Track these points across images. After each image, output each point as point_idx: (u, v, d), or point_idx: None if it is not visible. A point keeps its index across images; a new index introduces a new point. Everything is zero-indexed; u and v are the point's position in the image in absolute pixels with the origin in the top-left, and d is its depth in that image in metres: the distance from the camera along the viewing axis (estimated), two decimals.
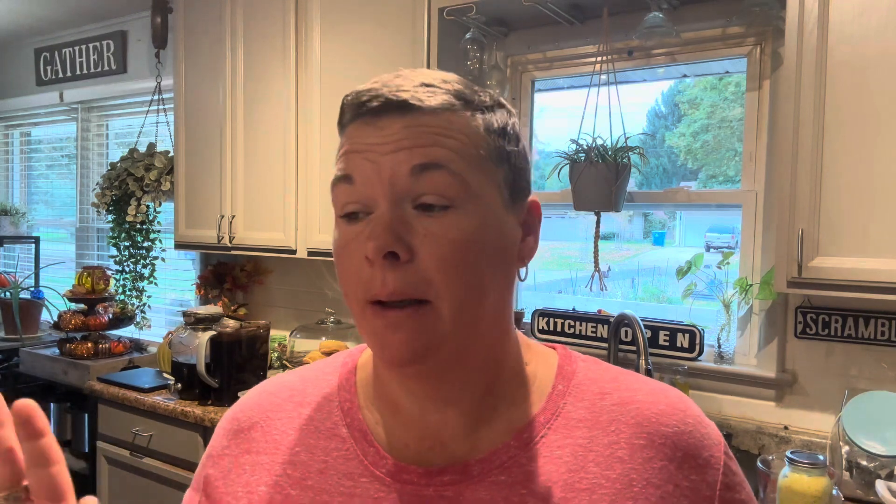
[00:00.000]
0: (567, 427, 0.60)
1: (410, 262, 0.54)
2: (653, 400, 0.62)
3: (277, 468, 0.63)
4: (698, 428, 0.61)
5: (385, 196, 0.55)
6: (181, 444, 2.41)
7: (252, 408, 0.69)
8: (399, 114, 0.55)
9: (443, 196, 0.54)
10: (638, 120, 2.25)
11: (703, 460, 0.59)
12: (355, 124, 0.57)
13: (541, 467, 0.58)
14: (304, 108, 2.50)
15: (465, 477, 0.58)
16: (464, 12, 2.13)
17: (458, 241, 0.54)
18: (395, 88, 0.56)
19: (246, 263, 3.08)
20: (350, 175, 0.56)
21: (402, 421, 0.62)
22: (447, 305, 0.55)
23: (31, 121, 4.26)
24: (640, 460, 0.58)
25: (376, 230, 0.54)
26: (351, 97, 0.58)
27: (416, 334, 0.55)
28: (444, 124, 0.55)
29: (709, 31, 2.02)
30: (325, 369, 0.70)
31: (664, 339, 2.07)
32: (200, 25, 2.82)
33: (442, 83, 0.57)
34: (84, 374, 2.87)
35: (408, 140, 0.54)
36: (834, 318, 1.84)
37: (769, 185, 1.96)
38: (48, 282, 3.80)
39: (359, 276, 0.56)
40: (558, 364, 0.65)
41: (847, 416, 1.70)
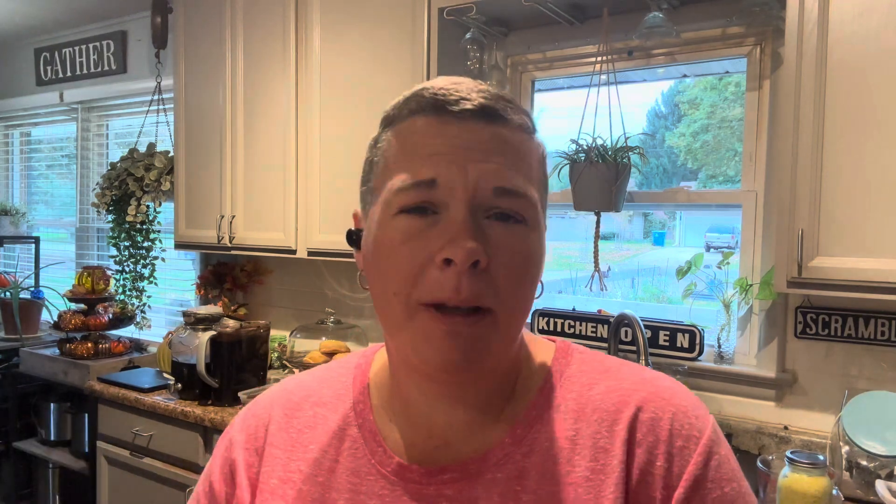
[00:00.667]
0: (556, 420, 0.61)
1: (485, 270, 0.55)
2: (638, 388, 0.61)
3: (291, 464, 0.65)
4: (678, 416, 0.59)
5: (465, 201, 0.55)
6: (181, 444, 2.41)
7: (270, 405, 0.71)
8: (488, 121, 0.56)
9: (519, 212, 0.57)
10: (638, 120, 2.25)
11: (675, 449, 0.57)
12: (429, 120, 0.57)
13: (533, 462, 0.59)
14: (304, 108, 2.50)
15: (463, 475, 0.59)
16: (464, 12, 2.13)
17: (526, 254, 0.57)
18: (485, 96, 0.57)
19: (246, 263, 3.08)
20: (435, 179, 0.55)
21: (412, 420, 0.63)
22: (505, 316, 0.56)
23: (31, 121, 4.26)
24: (619, 446, 0.58)
25: (461, 236, 0.54)
26: (433, 93, 0.57)
27: (474, 343, 0.55)
28: (522, 145, 0.58)
29: (709, 31, 2.02)
30: (339, 371, 0.71)
31: (664, 339, 2.07)
32: (200, 25, 2.82)
33: (513, 100, 0.59)
34: (84, 374, 2.87)
35: (495, 152, 0.56)
36: (834, 318, 1.84)
37: (769, 185, 1.96)
38: (48, 282, 3.80)
39: (418, 276, 0.55)
40: (553, 357, 0.66)
41: (847, 416, 1.70)
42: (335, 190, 2.43)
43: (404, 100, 0.59)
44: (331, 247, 2.44)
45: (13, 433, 3.27)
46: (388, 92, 2.28)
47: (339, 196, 2.42)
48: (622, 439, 0.58)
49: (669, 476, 0.57)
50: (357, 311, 2.83)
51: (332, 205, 2.44)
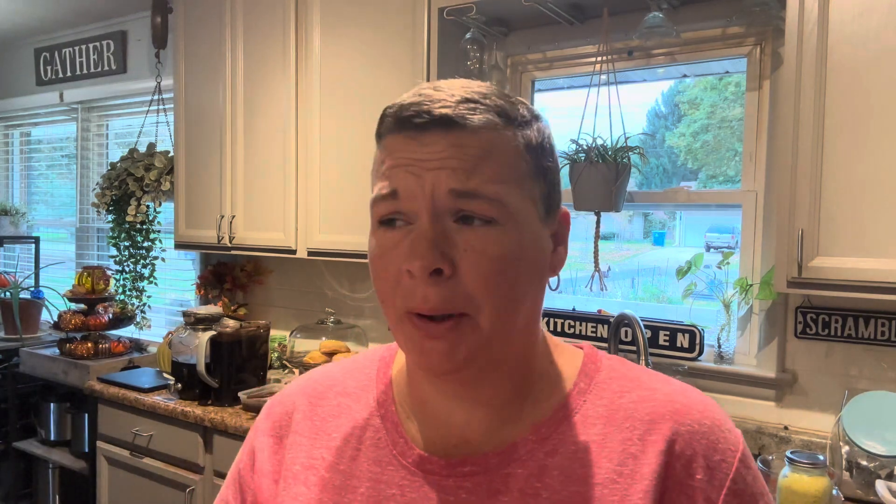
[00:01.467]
0: (584, 424, 0.61)
1: (452, 276, 0.55)
2: (671, 399, 0.62)
3: (315, 452, 0.67)
4: (714, 431, 0.60)
5: (427, 209, 0.56)
6: (181, 444, 2.41)
7: (296, 393, 0.73)
8: (443, 130, 0.56)
9: (482, 216, 0.56)
10: (638, 120, 2.25)
11: (713, 462, 0.59)
12: (397, 137, 0.58)
13: (556, 462, 0.59)
14: (304, 108, 2.50)
15: (484, 469, 0.60)
16: (464, 12, 2.13)
17: (499, 256, 0.56)
18: (439, 104, 0.56)
19: (246, 263, 3.08)
20: (396, 190, 0.57)
21: (430, 418, 0.64)
22: (486, 318, 0.56)
23: (31, 121, 4.26)
24: (651, 455, 0.59)
25: (420, 247, 0.55)
26: (394, 110, 0.58)
27: (455, 346, 0.56)
28: (485, 145, 0.56)
29: (709, 31, 2.02)
30: (365, 362, 0.73)
31: (664, 339, 2.07)
32: (200, 25, 2.82)
33: (483, 98, 0.58)
34: (84, 374, 2.87)
35: (451, 159, 0.56)
36: (834, 318, 1.84)
37: (769, 185, 1.96)
38: (48, 282, 3.80)
39: (397, 286, 0.57)
40: (582, 362, 0.66)
41: (847, 416, 1.70)
42: (335, 190, 2.43)
43: (381, 116, 0.60)
44: (331, 247, 2.44)
45: (13, 433, 3.27)
46: (388, 92, 2.28)
47: (339, 196, 2.42)
48: (658, 450, 0.59)
49: (710, 488, 0.58)
50: (357, 311, 2.83)
51: (332, 205, 2.44)
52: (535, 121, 0.61)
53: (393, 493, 0.62)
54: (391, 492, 0.62)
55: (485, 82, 0.61)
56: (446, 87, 0.58)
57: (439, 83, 0.60)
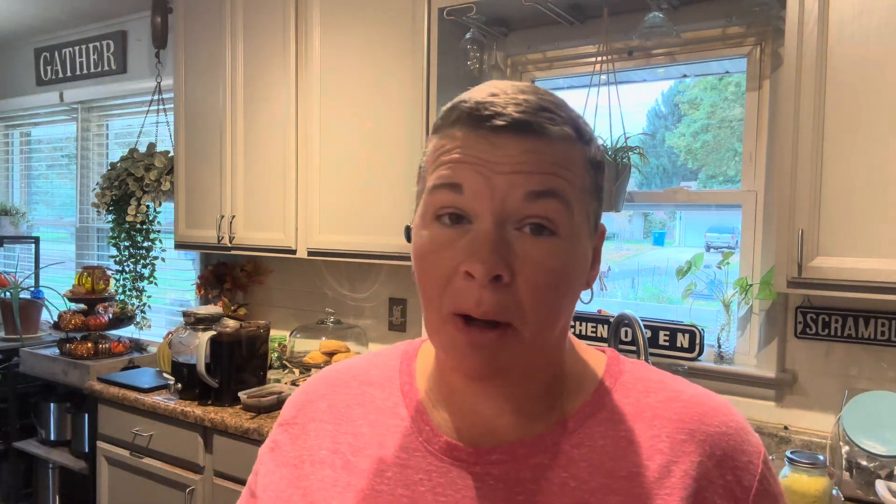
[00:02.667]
0: (611, 420, 0.62)
1: (509, 285, 0.55)
2: (697, 401, 0.63)
3: (340, 437, 0.68)
4: (740, 433, 0.62)
5: (492, 213, 0.55)
6: (181, 444, 2.41)
7: (320, 383, 0.74)
8: (519, 136, 0.55)
9: (553, 222, 0.56)
10: (638, 120, 2.25)
11: (741, 463, 0.61)
12: (466, 132, 0.57)
13: (583, 454, 0.61)
14: (304, 108, 2.50)
15: (511, 458, 0.61)
16: (464, 12, 2.13)
17: (555, 269, 0.56)
18: (518, 108, 0.56)
19: (246, 263, 3.08)
20: (460, 185, 0.56)
21: (457, 408, 0.65)
22: (529, 330, 0.57)
23: (31, 121, 4.26)
24: (679, 453, 0.60)
25: (483, 250, 0.54)
26: (469, 105, 0.57)
27: (496, 354, 0.57)
28: (560, 155, 0.56)
29: (709, 31, 2.02)
30: (387, 354, 0.74)
31: (664, 339, 2.07)
32: (200, 25, 2.82)
33: (557, 109, 0.58)
34: (84, 374, 2.87)
35: (526, 164, 0.55)
36: (834, 318, 1.84)
37: (769, 185, 1.96)
38: (48, 282, 3.80)
39: (446, 286, 0.57)
40: (607, 363, 0.67)
41: (847, 416, 1.70)
42: (335, 190, 2.43)
43: (448, 109, 0.59)
44: (331, 247, 2.44)
45: (13, 433, 3.27)
46: (388, 92, 2.28)
47: (339, 196, 2.42)
48: (689, 450, 0.60)
49: (739, 489, 0.60)
50: (357, 311, 2.83)
51: (332, 205, 2.44)
52: (595, 139, 0.62)
53: (420, 479, 0.62)
54: (418, 477, 0.62)
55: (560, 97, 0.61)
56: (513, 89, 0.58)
57: (500, 83, 0.59)
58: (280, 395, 2.34)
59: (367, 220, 2.35)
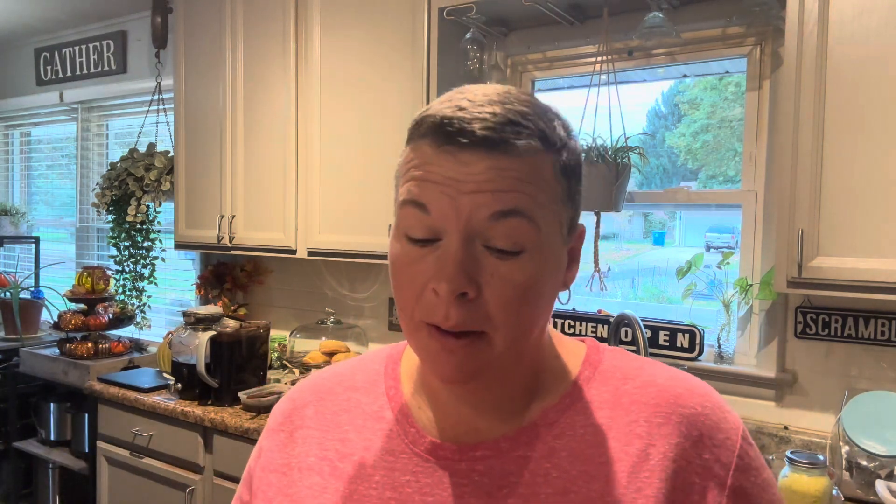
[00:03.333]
0: (590, 408, 0.64)
1: (476, 299, 0.56)
2: (673, 384, 0.64)
3: (327, 443, 0.69)
4: (716, 411, 0.63)
5: (459, 231, 0.55)
6: (181, 444, 2.41)
7: (306, 390, 0.75)
8: (484, 152, 0.55)
9: (516, 243, 0.56)
10: (638, 120, 2.25)
11: (718, 441, 0.61)
12: (433, 148, 0.57)
13: (564, 443, 0.62)
14: (304, 108, 2.50)
15: (495, 453, 0.62)
16: (464, 12, 2.13)
17: (522, 283, 0.57)
18: (482, 123, 0.55)
19: (246, 263, 3.08)
20: (425, 205, 0.57)
21: (440, 409, 0.66)
22: (501, 337, 0.58)
23: (31, 121, 4.26)
24: (657, 436, 0.61)
25: (448, 269, 0.55)
26: (434, 120, 0.57)
27: (468, 359, 0.58)
28: (527, 169, 0.56)
29: (709, 31, 2.02)
30: (372, 359, 0.75)
31: (664, 339, 2.07)
32: (200, 25, 2.82)
33: (524, 119, 0.56)
34: (84, 374, 2.87)
35: (490, 182, 0.55)
36: (834, 318, 1.84)
37: (769, 185, 1.96)
38: (48, 282, 3.80)
39: (418, 298, 0.58)
40: (585, 354, 0.68)
41: (847, 416, 1.70)
42: (335, 190, 2.43)
43: (416, 121, 0.59)
44: (331, 247, 2.44)
45: (13, 433, 3.27)
46: (388, 92, 2.28)
47: (339, 196, 2.42)
48: (665, 432, 0.61)
49: (718, 466, 0.61)
50: (357, 311, 2.83)
51: (332, 205, 2.44)
52: (570, 140, 0.60)
53: (407, 480, 0.63)
54: (405, 478, 0.63)
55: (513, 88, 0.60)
56: (482, 99, 0.57)
57: (471, 91, 0.58)
58: (280, 395, 2.34)
59: (367, 220, 2.35)
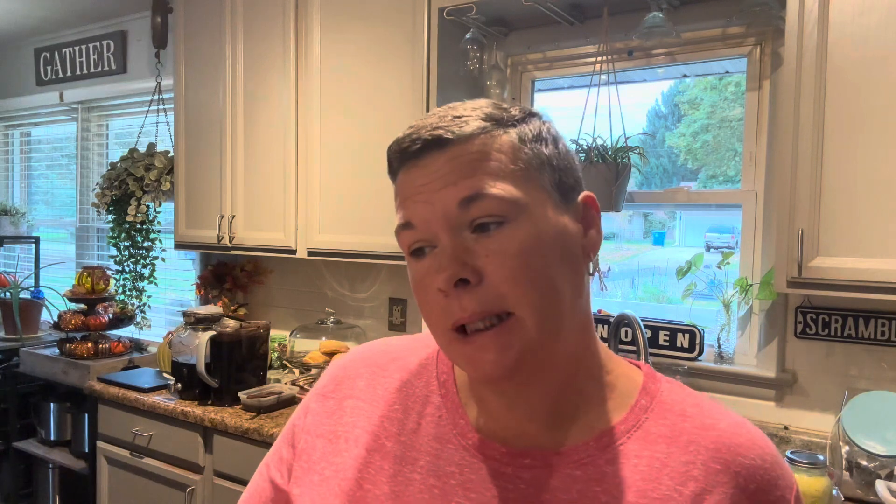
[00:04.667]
0: (646, 440, 0.62)
1: (480, 283, 0.57)
2: (734, 431, 0.63)
3: (375, 419, 0.69)
4: (774, 468, 0.62)
5: (443, 229, 0.59)
6: (181, 444, 2.41)
7: (360, 361, 0.75)
8: (439, 150, 0.59)
9: (494, 216, 0.58)
10: (638, 120, 2.25)
11: (774, 497, 0.61)
12: (404, 170, 0.61)
13: (616, 471, 0.60)
14: (304, 108, 2.50)
15: (543, 464, 0.61)
16: (464, 12, 2.13)
17: (519, 251, 0.57)
18: (430, 127, 0.60)
19: (246, 263, 3.08)
20: (410, 222, 0.60)
21: (488, 409, 0.65)
22: (528, 312, 0.57)
23: (31, 121, 4.26)
24: (713, 483, 0.60)
25: (443, 262, 0.58)
26: (394, 147, 0.62)
27: (504, 350, 0.58)
28: (480, 148, 0.59)
29: (709, 31, 2.02)
30: (425, 341, 0.74)
31: (664, 339, 2.07)
32: (200, 25, 2.82)
33: (472, 111, 0.61)
34: (84, 374, 2.87)
35: (452, 174, 0.58)
36: (834, 318, 1.84)
37: (769, 185, 1.96)
38: (48, 282, 3.80)
39: (438, 308, 0.59)
40: (643, 381, 0.67)
41: (847, 416, 1.70)
42: (335, 190, 2.43)
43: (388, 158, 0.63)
44: (331, 247, 2.44)
45: (13, 433, 3.27)
46: (388, 92, 2.28)
47: (339, 196, 2.42)
48: (722, 480, 0.60)
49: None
50: (357, 311, 2.83)
51: (332, 205, 2.44)
52: (531, 117, 0.63)
53: (452, 471, 0.63)
54: (450, 469, 0.63)
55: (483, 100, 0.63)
56: (439, 112, 0.62)
57: (435, 110, 0.63)
58: (280, 395, 2.34)
59: (367, 220, 2.35)
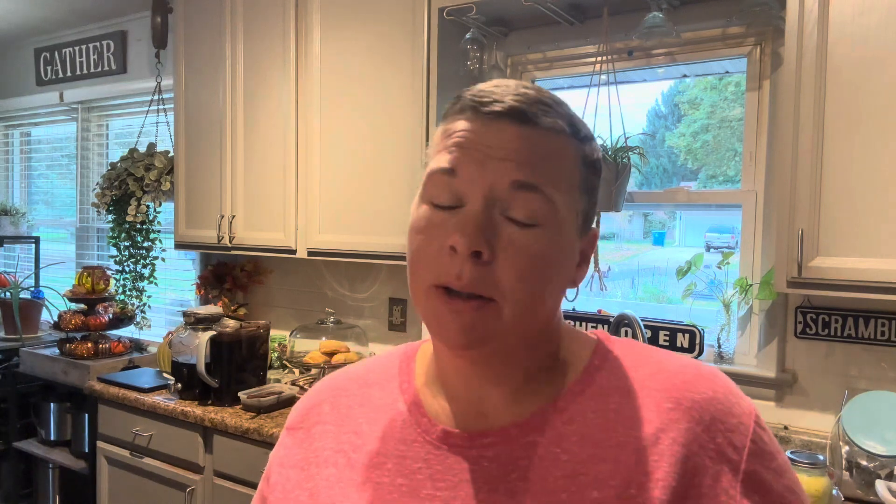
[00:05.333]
0: (600, 395, 0.64)
1: (489, 263, 0.59)
2: (683, 371, 0.65)
3: (342, 436, 0.71)
4: (728, 396, 0.63)
5: (482, 196, 0.59)
6: (181, 444, 2.41)
7: (323, 390, 0.78)
8: (515, 123, 0.60)
9: (533, 216, 0.59)
10: (638, 120, 2.25)
11: (731, 425, 0.61)
12: (469, 117, 0.61)
13: (573, 428, 0.63)
14: (304, 108, 2.50)
15: (504, 439, 0.63)
16: (464, 12, 2.13)
17: (535, 255, 0.59)
18: (518, 99, 0.60)
19: (246, 263, 3.08)
20: (454, 169, 0.60)
21: (450, 394, 0.68)
22: (509, 308, 0.60)
23: (31, 121, 4.26)
24: (667, 422, 0.61)
25: (468, 227, 0.58)
26: (472, 94, 0.62)
27: (475, 325, 0.60)
28: (551, 146, 0.61)
29: (709, 31, 2.02)
30: (387, 357, 0.78)
31: (664, 339, 2.07)
32: (200, 25, 2.82)
33: (556, 105, 0.62)
34: (84, 374, 2.87)
35: (517, 152, 0.59)
36: (834, 318, 1.84)
37: (769, 185, 1.96)
38: (48, 282, 3.80)
39: (433, 260, 0.60)
40: (597, 344, 0.70)
41: (847, 416, 1.70)
42: (335, 190, 2.43)
43: (453, 100, 0.64)
44: (331, 247, 2.44)
45: (13, 433, 3.27)
46: (388, 92, 2.28)
47: (339, 196, 2.42)
48: (675, 417, 0.61)
49: (732, 450, 0.60)
50: (357, 311, 2.83)
51: (332, 205, 2.44)
52: (592, 140, 0.65)
53: (419, 467, 0.65)
54: (417, 465, 0.65)
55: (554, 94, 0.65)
56: (515, 84, 0.62)
57: (504, 82, 0.63)
58: (280, 395, 2.34)
59: (367, 220, 2.35)
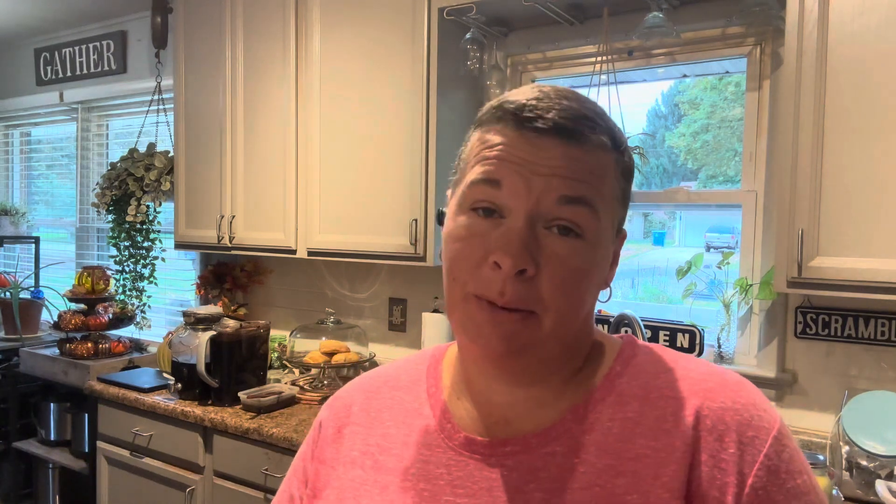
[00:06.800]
0: (620, 403, 0.64)
1: (532, 278, 0.59)
2: (705, 379, 0.63)
3: (370, 439, 0.72)
4: (749, 408, 0.61)
5: (526, 211, 0.59)
6: (181, 444, 2.41)
7: (354, 390, 0.79)
8: (560, 140, 0.59)
9: (577, 229, 0.60)
10: (638, 120, 2.25)
11: (746, 438, 0.59)
12: (510, 131, 0.61)
13: (592, 438, 0.62)
14: (304, 108, 2.50)
15: (524, 448, 0.64)
16: (464, 12, 2.13)
17: (578, 268, 0.60)
18: (561, 114, 0.59)
19: (246, 263, 3.08)
20: (499, 181, 0.60)
21: (474, 399, 0.68)
22: (550, 318, 0.60)
23: (31, 121, 4.26)
24: (683, 429, 0.60)
25: (512, 245, 0.58)
26: (514, 106, 0.61)
27: (516, 336, 0.60)
28: (596, 163, 0.61)
29: (709, 31, 2.02)
30: (416, 360, 0.78)
31: (664, 339, 2.07)
32: (200, 25, 2.82)
33: (598, 117, 0.62)
34: (84, 374, 2.87)
35: (563, 169, 0.59)
36: (834, 318, 1.84)
37: (769, 185, 1.96)
38: (48, 282, 3.80)
39: (474, 269, 0.60)
40: (620, 348, 0.69)
41: (847, 416, 1.70)
42: (335, 190, 2.43)
43: (493, 107, 0.63)
44: (331, 247, 2.44)
45: (13, 433, 3.27)
46: (387, 92, 2.28)
47: (339, 196, 2.42)
48: (690, 425, 0.60)
49: (742, 463, 0.58)
50: (357, 311, 2.83)
51: (332, 205, 2.44)
52: (628, 147, 0.65)
53: (440, 473, 0.66)
54: (439, 471, 0.66)
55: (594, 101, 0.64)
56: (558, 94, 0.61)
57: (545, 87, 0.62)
58: (280, 395, 2.34)
59: (367, 220, 2.35)
